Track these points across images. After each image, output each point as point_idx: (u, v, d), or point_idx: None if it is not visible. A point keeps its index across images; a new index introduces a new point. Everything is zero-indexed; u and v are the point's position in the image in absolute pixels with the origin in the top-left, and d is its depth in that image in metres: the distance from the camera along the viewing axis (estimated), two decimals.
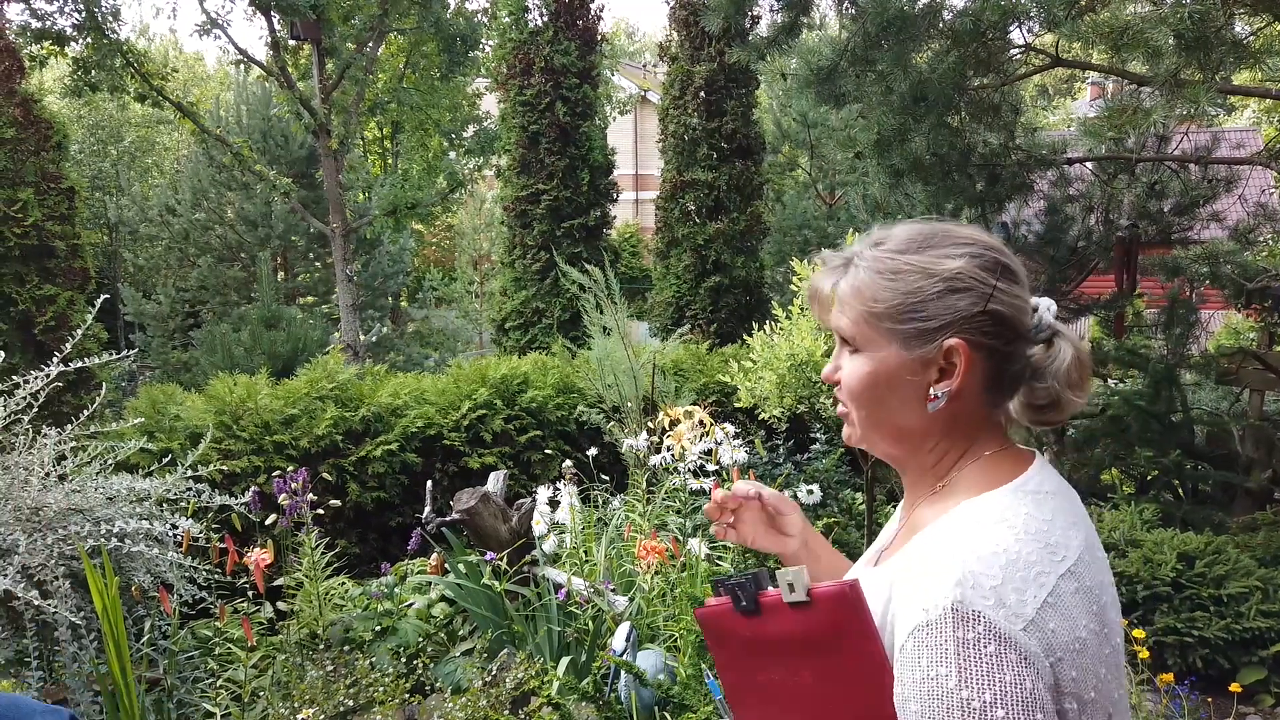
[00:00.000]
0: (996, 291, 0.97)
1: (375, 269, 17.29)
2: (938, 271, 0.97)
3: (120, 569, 3.20)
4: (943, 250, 0.99)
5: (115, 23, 10.96)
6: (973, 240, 1.00)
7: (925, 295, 0.97)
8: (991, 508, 0.94)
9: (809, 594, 0.93)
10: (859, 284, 1.01)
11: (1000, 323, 0.97)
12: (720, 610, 1.00)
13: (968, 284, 0.97)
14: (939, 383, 0.98)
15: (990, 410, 1.02)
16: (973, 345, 0.97)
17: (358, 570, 4.73)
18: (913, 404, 1.00)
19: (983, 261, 0.98)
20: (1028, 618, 0.85)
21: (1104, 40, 4.07)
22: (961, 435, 1.02)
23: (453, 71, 13.07)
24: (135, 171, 23.33)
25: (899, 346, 0.99)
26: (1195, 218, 6.22)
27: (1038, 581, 0.87)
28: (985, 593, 0.85)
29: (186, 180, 16.87)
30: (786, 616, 0.95)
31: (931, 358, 0.97)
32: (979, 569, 0.86)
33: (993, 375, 0.99)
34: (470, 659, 3.54)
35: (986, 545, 0.89)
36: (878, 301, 0.99)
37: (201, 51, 43.35)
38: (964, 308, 0.97)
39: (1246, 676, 3.74)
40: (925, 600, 0.87)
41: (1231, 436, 5.94)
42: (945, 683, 0.84)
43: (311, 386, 5.09)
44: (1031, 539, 0.90)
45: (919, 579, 0.90)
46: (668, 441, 4.18)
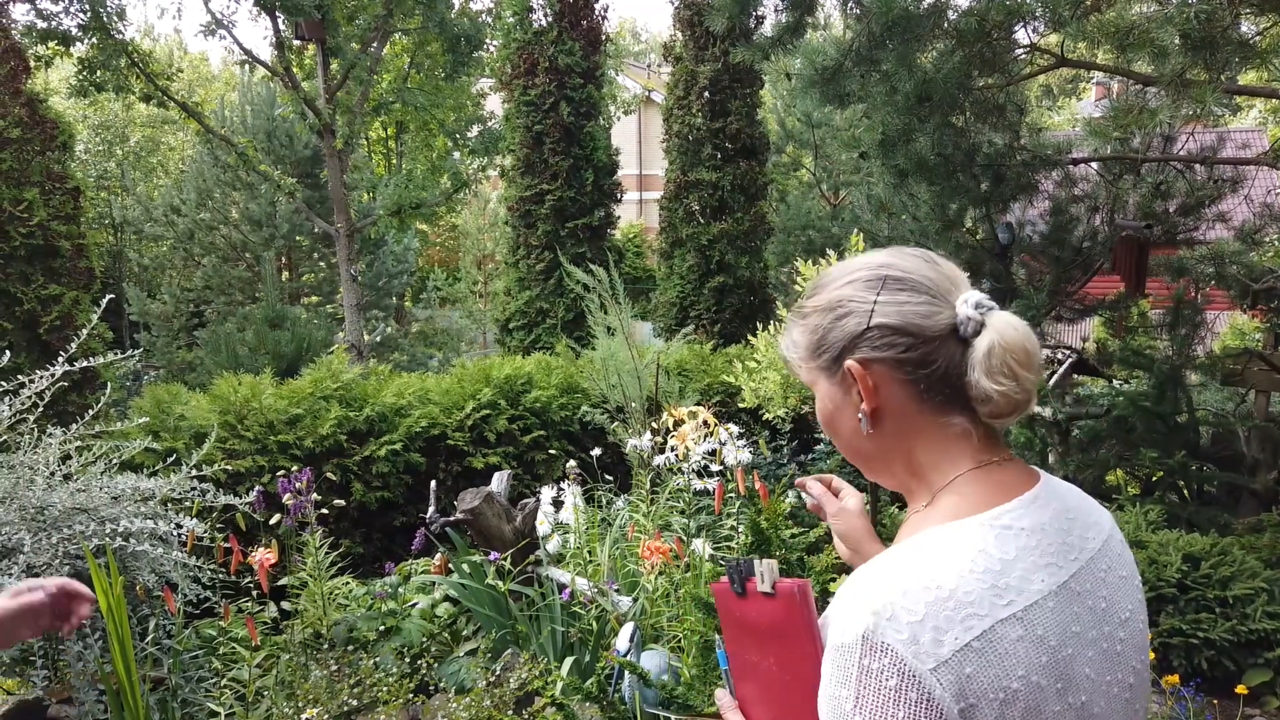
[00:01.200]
0: (877, 305, 0.99)
1: (379, 269, 17.31)
2: (825, 304, 1.04)
3: (125, 568, 3.21)
4: (831, 286, 1.05)
5: (120, 23, 10.97)
6: (862, 265, 1.04)
7: (823, 328, 1.03)
8: (949, 539, 0.92)
9: (773, 586, 1.02)
10: (791, 339, 1.10)
11: (894, 331, 0.98)
12: (723, 588, 1.11)
13: (849, 308, 1.01)
14: (862, 404, 1.01)
15: (939, 419, 1.00)
16: (867, 362, 0.99)
17: (362, 570, 4.73)
18: (855, 429, 1.03)
19: (863, 282, 1.02)
20: (941, 658, 0.84)
21: (1109, 40, 4.06)
22: (923, 447, 1.01)
23: (457, 71, 13.06)
24: (140, 171, 23.39)
25: (824, 379, 1.05)
26: (1201, 218, 6.20)
27: (965, 624, 0.85)
28: (900, 627, 0.85)
29: (191, 180, 16.91)
30: (760, 603, 1.04)
31: (844, 383, 1.02)
32: (901, 602, 0.86)
33: (914, 384, 0.99)
34: (474, 659, 3.54)
35: (920, 579, 0.88)
36: (799, 347, 1.08)
37: (206, 52, 43.39)
38: (852, 328, 1.00)
39: (1252, 678, 3.72)
40: (845, 621, 0.88)
41: (1237, 437, 5.92)
42: (843, 705, 0.86)
43: (316, 386, 5.09)
44: (977, 578, 0.88)
45: (849, 598, 0.91)
46: (671, 442, 4.18)
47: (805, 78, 5.00)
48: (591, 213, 11.07)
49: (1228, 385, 6.24)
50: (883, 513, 5.41)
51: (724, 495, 3.66)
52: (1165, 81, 3.71)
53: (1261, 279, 5.92)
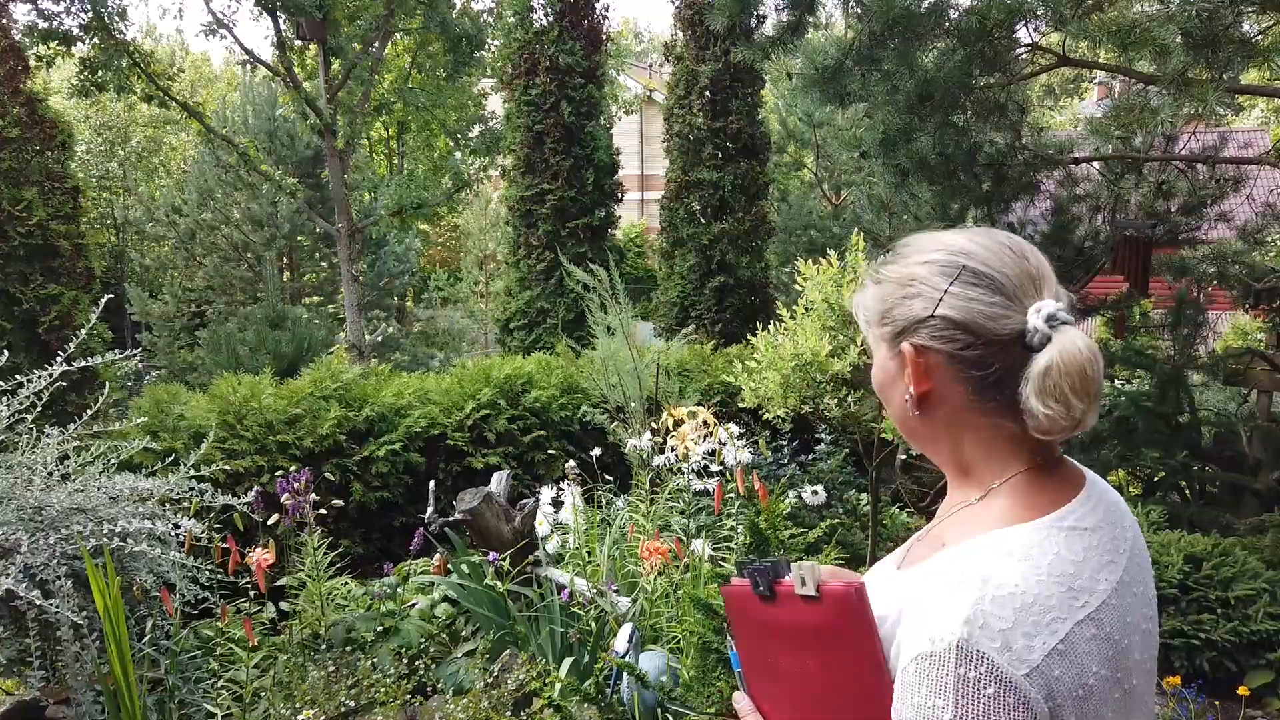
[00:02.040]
0: (946, 295, 0.97)
1: (381, 269, 17.31)
2: (899, 277, 1.02)
3: (123, 568, 3.20)
4: (911, 259, 1.02)
5: (122, 23, 10.97)
6: (943, 245, 1.01)
7: (892, 301, 1.02)
8: (1018, 541, 0.92)
9: (818, 589, 0.97)
10: (864, 297, 1.08)
11: (955, 326, 0.96)
12: (741, 591, 1.06)
13: (918, 289, 0.99)
14: (909, 386, 1.01)
15: (994, 418, 0.98)
16: (922, 349, 0.99)
17: (361, 570, 4.72)
18: (902, 405, 1.04)
19: (938, 266, 0.99)
20: (1033, 664, 0.86)
21: (1111, 39, 4.04)
22: (970, 441, 1.01)
23: (458, 71, 13.06)
24: (142, 172, 23.40)
25: (884, 348, 1.05)
26: (1203, 218, 6.18)
27: (1050, 628, 0.87)
28: (993, 635, 0.86)
29: (193, 180, 16.91)
30: (797, 607, 0.99)
31: (900, 359, 1.02)
32: (991, 610, 0.87)
33: (967, 382, 0.97)
34: (472, 660, 3.53)
35: (1004, 584, 0.88)
36: (868, 310, 1.07)
37: (208, 52, 43.41)
38: (917, 312, 0.99)
39: (1254, 679, 3.71)
40: (933, 630, 0.88)
41: (1239, 437, 5.91)
42: (940, 714, 0.85)
43: (315, 386, 5.09)
44: (1054, 581, 0.90)
45: (931, 605, 0.90)
46: (671, 442, 4.17)
47: (806, 77, 4.98)
48: (592, 213, 11.05)
49: (1230, 385, 6.22)
50: (883, 513, 5.40)
51: (723, 496, 3.65)
52: (1167, 81, 3.69)
53: (1264, 279, 5.90)
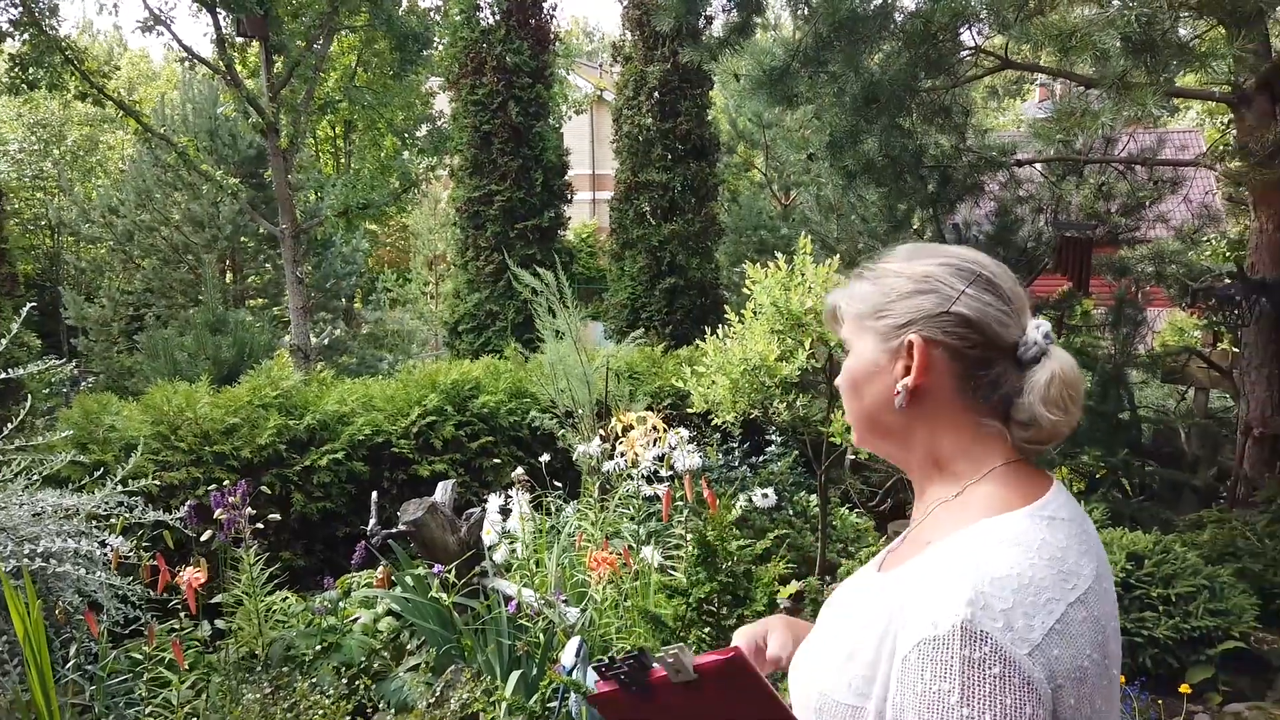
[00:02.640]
0: (963, 295, 1.01)
1: (327, 270, 16.98)
2: (911, 274, 1.05)
3: (47, 589, 3.06)
4: (921, 259, 1.06)
5: (54, 18, 10.62)
6: (957, 254, 1.06)
7: (897, 294, 1.04)
8: (1008, 529, 0.95)
9: (695, 670, 0.93)
10: (855, 291, 1.10)
11: (967, 325, 1.01)
12: (613, 695, 0.99)
13: (933, 286, 1.03)
14: (904, 378, 1.03)
15: (973, 415, 1.03)
16: (932, 342, 1.01)
17: (302, 583, 4.60)
18: (884, 399, 1.05)
19: (954, 269, 1.04)
20: (1034, 643, 0.87)
21: (1053, 43, 4.08)
22: (949, 439, 1.04)
23: (405, 70, 12.85)
24: (78, 172, 22.75)
25: (873, 340, 1.06)
26: (1141, 219, 6.30)
27: (1047, 608, 0.89)
28: (995, 615, 0.87)
29: (130, 180, 16.46)
30: (678, 694, 0.95)
31: (895, 351, 1.03)
32: (991, 590, 0.88)
33: (963, 377, 1.02)
34: (416, 674, 3.45)
35: (1000, 567, 0.90)
36: (865, 302, 1.08)
37: (146, 49, 42.38)
38: (928, 307, 1.02)
39: (1194, 675, 3.76)
40: (935, 615, 0.89)
41: (1178, 434, 6.02)
42: (947, 698, 0.86)
43: (254, 394, 4.95)
44: (1046, 564, 0.91)
45: (930, 592, 0.92)
46: (620, 448, 4.11)
47: (754, 79, 4.97)
48: (541, 214, 10.96)
49: (1168, 383, 6.35)
50: (833, 514, 5.41)
51: (672, 502, 3.60)
52: (1108, 84, 3.73)
53: (1200, 278, 6.03)
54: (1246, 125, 4.79)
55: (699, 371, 4.07)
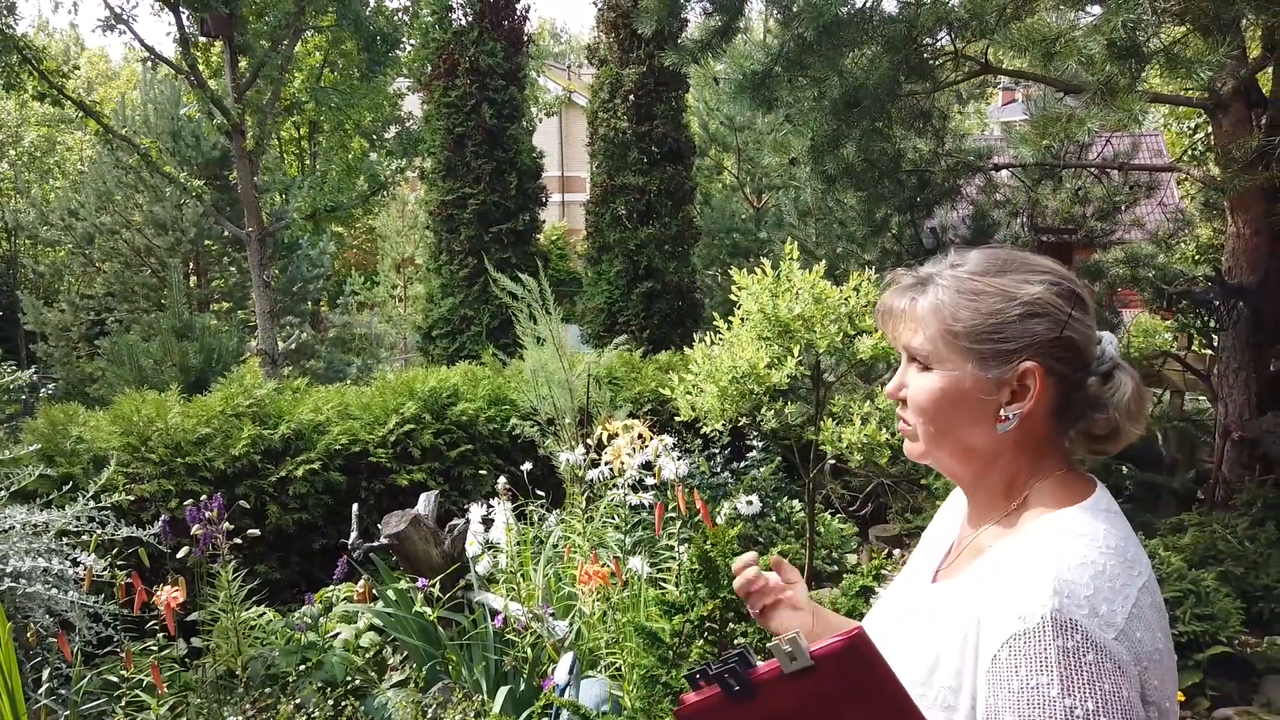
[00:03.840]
0: (1071, 319, 1.00)
1: (294, 273, 16.73)
2: (1019, 295, 1.00)
3: (16, 610, 2.94)
4: (1022, 275, 1.02)
5: (10, 17, 10.35)
6: (1050, 269, 1.04)
7: (1005, 318, 1.00)
8: (1070, 522, 0.96)
9: (812, 657, 0.87)
10: (939, 302, 1.03)
11: (1071, 350, 1.00)
12: (708, 703, 0.89)
13: (1045, 310, 1.00)
14: (1010, 404, 1.00)
15: (1056, 436, 1.04)
16: (1046, 370, 1.00)
17: (279, 597, 4.48)
18: (982, 423, 1.02)
19: (1060, 290, 1.01)
20: (1119, 627, 0.87)
21: (1036, 47, 4.08)
22: (1029, 458, 1.03)
23: (373, 71, 12.69)
24: (35, 173, 22.25)
25: (974, 366, 1.01)
26: (1117, 223, 6.35)
27: (1123, 593, 0.90)
28: (1080, 602, 0.87)
29: (90, 182, 16.09)
30: (788, 688, 0.87)
31: (1006, 379, 1.00)
32: (1072, 578, 0.88)
33: (1060, 401, 1.02)
34: (402, 692, 3.36)
35: (1074, 556, 0.91)
36: (957, 320, 1.01)
37: (106, 47, 41.60)
38: (1041, 332, 0.99)
39: (1182, 680, 3.77)
40: (1021, 609, 0.88)
41: (1154, 438, 6.07)
42: (1047, 691, 0.85)
43: (227, 403, 4.82)
44: (1112, 553, 0.92)
45: (1011, 587, 0.91)
46: (605, 456, 4.04)
47: (735, 83, 4.93)
48: (516, 217, 10.86)
49: (1145, 386, 6.40)
50: (818, 520, 5.38)
51: (664, 515, 3.54)
52: (1093, 89, 3.74)
53: (1174, 281, 6.08)
54: (1223, 131, 4.83)
55: (686, 379, 4.02)
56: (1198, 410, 6.84)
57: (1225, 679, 3.81)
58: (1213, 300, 4.98)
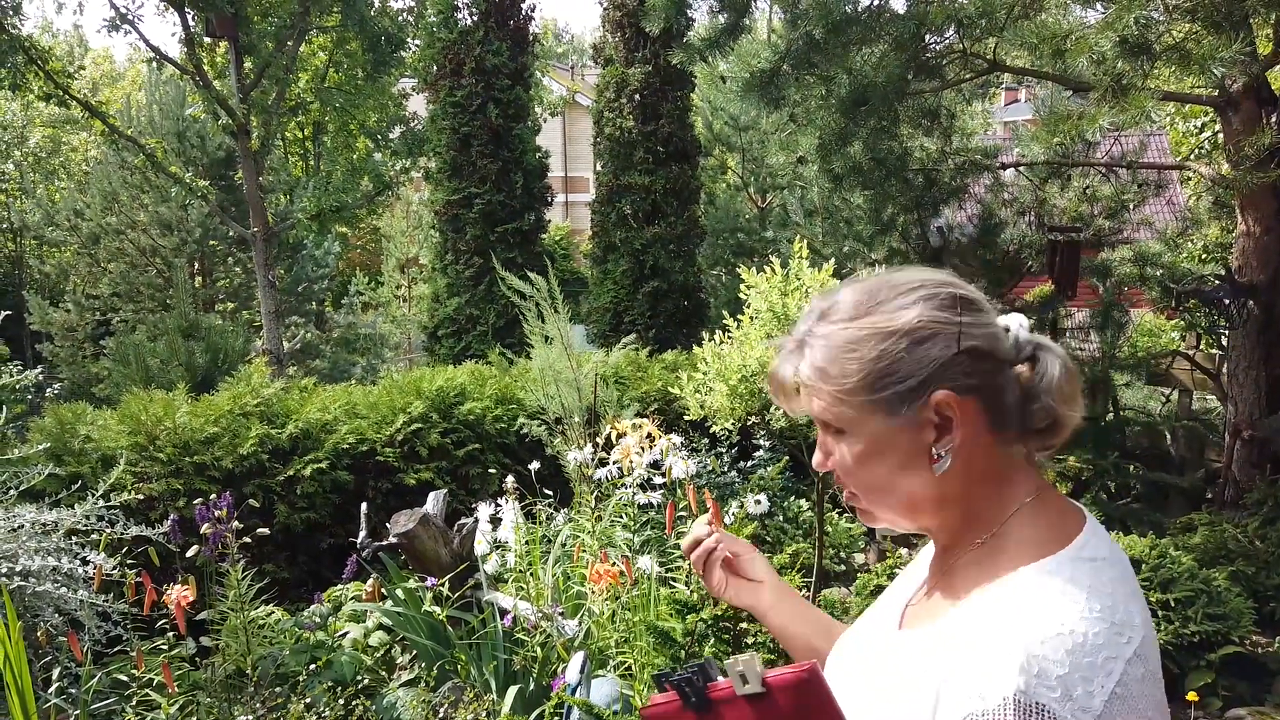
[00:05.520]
0: (964, 328, 0.89)
1: (299, 273, 16.75)
2: (896, 328, 0.90)
3: (25, 609, 2.94)
4: (893, 303, 0.91)
5: (16, 18, 10.38)
6: (920, 282, 0.93)
7: (894, 356, 0.89)
8: (1051, 578, 0.84)
9: (764, 684, 0.85)
10: (820, 365, 0.93)
11: (979, 358, 0.90)
12: (667, 709, 0.90)
13: (932, 329, 0.89)
14: (938, 441, 0.90)
15: (1005, 448, 0.93)
16: (960, 390, 0.89)
17: (288, 596, 4.48)
18: (918, 471, 0.91)
19: (939, 301, 0.91)
20: (1095, 711, 0.77)
21: (1046, 45, 4.07)
22: (983, 485, 0.92)
23: (378, 71, 12.71)
24: (41, 174, 22.30)
25: (883, 417, 0.90)
26: (1125, 221, 6.33)
27: (1105, 669, 0.78)
28: (1052, 683, 0.77)
29: (96, 183, 16.12)
30: (742, 710, 0.87)
31: (923, 418, 0.89)
32: (1044, 653, 0.78)
33: (992, 414, 0.91)
34: (412, 692, 3.35)
35: (1051, 624, 0.79)
36: (846, 378, 0.91)
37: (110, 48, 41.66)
38: (937, 356, 0.89)
39: (1194, 680, 3.75)
40: (983, 685, 0.79)
41: (1163, 437, 6.05)
42: None
43: (234, 403, 4.81)
44: (1098, 618, 0.80)
45: (974, 660, 0.81)
46: (614, 455, 4.03)
47: (743, 81, 4.92)
48: (522, 216, 10.86)
49: (1153, 385, 6.38)
50: (826, 519, 5.36)
51: (675, 514, 3.53)
52: (1104, 87, 3.72)
53: (1183, 280, 6.06)
54: (1234, 129, 4.81)
55: (695, 378, 4.01)
56: (1206, 409, 6.82)
57: (1237, 679, 3.79)
58: (1222, 299, 4.96)
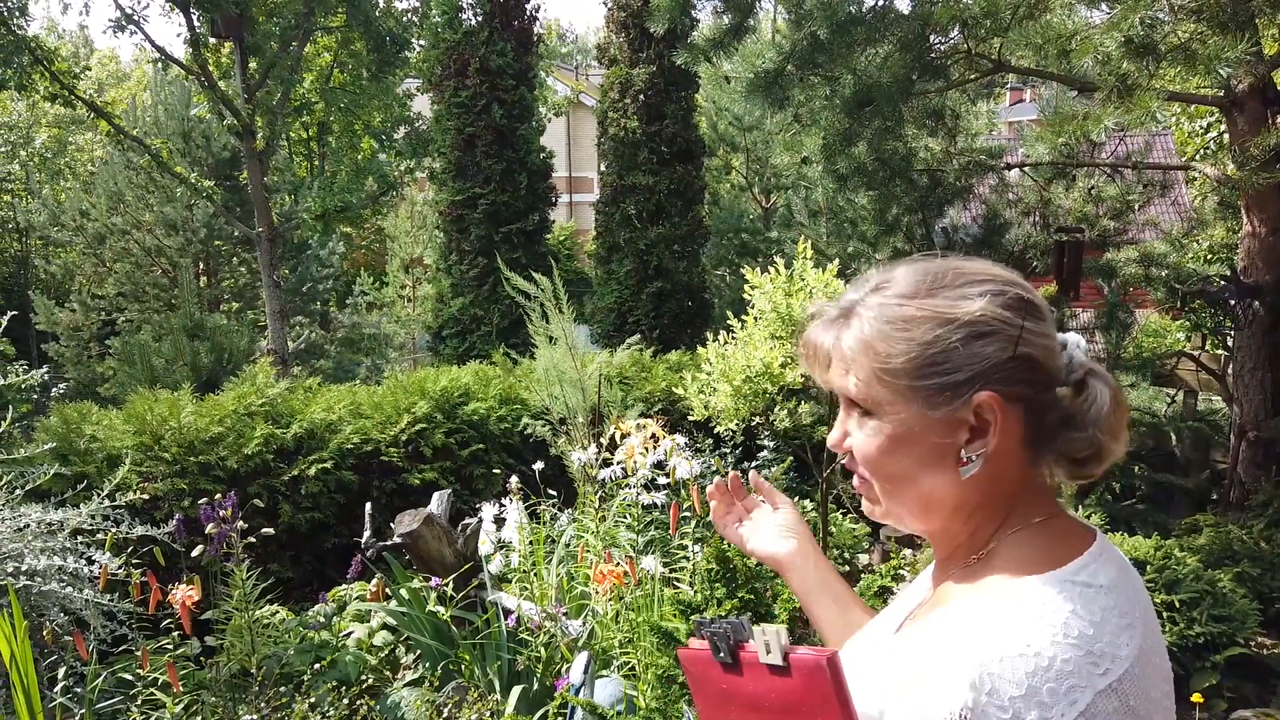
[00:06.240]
0: (1024, 333, 0.84)
1: (304, 273, 16.78)
2: (957, 316, 0.84)
3: (31, 608, 2.94)
4: (958, 290, 0.86)
5: (22, 19, 10.41)
6: (989, 276, 0.88)
7: (947, 345, 0.84)
8: (1031, 598, 0.79)
9: (785, 659, 0.84)
10: (866, 338, 0.87)
11: (1032, 368, 0.85)
12: (700, 655, 0.92)
13: (993, 327, 0.84)
14: (971, 443, 0.84)
15: (1031, 470, 0.88)
16: (1006, 397, 0.84)
17: (292, 596, 4.48)
18: (943, 470, 0.86)
19: (1005, 299, 0.85)
20: None
21: (1052, 45, 4.06)
22: (1000, 500, 0.88)
23: (383, 71, 12.73)
24: (46, 174, 22.36)
25: (921, 406, 0.85)
26: (1130, 222, 6.32)
27: (1069, 697, 0.73)
28: (1003, 704, 0.73)
29: (101, 183, 16.16)
30: (762, 676, 0.87)
31: (960, 416, 0.84)
32: (1000, 672, 0.74)
33: (1030, 428, 0.86)
34: (416, 691, 3.36)
35: (1015, 644, 0.75)
36: (892, 357, 0.85)
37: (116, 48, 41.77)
38: (991, 355, 0.83)
39: (1199, 682, 3.74)
40: (932, 698, 0.76)
41: (1168, 438, 6.04)
42: None
43: (239, 403, 4.82)
44: (1072, 645, 0.75)
45: (927, 668, 0.78)
46: (618, 455, 4.03)
47: (747, 81, 4.92)
48: (526, 217, 10.87)
49: (1159, 386, 6.36)
50: (830, 520, 5.36)
51: (679, 514, 3.53)
52: (1109, 87, 3.71)
53: (1187, 280, 6.05)
54: (1239, 129, 4.80)
55: (699, 379, 4.01)
56: (1211, 410, 6.81)
57: (1243, 681, 3.78)
58: (1228, 299, 4.95)
